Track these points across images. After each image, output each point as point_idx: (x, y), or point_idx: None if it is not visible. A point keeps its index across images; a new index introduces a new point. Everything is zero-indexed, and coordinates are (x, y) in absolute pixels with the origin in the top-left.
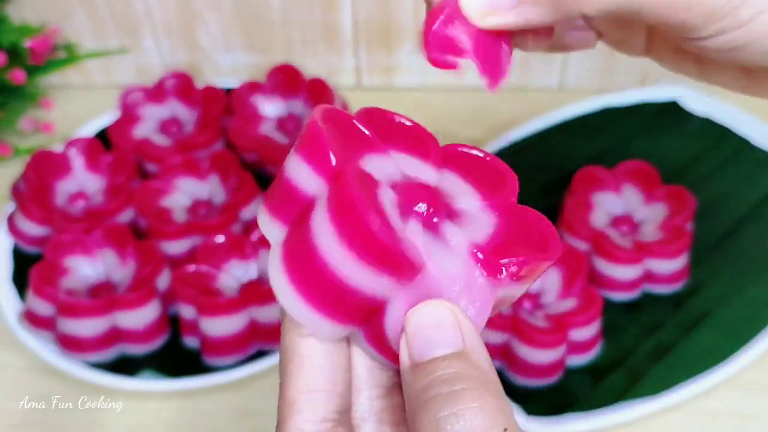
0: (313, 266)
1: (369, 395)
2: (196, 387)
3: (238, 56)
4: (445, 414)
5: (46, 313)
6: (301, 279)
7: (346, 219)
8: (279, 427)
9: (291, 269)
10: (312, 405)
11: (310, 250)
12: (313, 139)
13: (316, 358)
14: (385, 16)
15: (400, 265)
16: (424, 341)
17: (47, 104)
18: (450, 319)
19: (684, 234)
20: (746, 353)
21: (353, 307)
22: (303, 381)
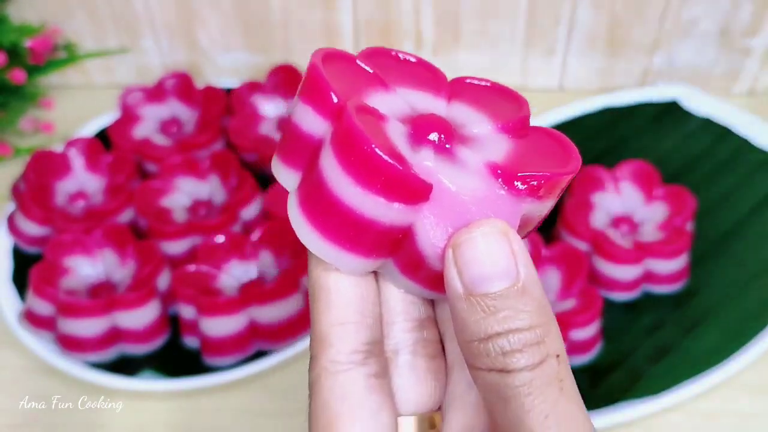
0: (327, 204)
1: (402, 328)
2: (196, 387)
3: (238, 56)
4: (510, 349)
5: (46, 313)
6: (319, 218)
7: (347, 150)
8: (312, 363)
9: (308, 210)
10: (342, 337)
11: (322, 189)
12: (313, 81)
13: (342, 291)
14: (385, 16)
15: (406, 187)
16: (477, 271)
17: (47, 104)
18: (504, 244)
19: (684, 234)
20: (746, 353)
21: (375, 239)
22: (332, 315)
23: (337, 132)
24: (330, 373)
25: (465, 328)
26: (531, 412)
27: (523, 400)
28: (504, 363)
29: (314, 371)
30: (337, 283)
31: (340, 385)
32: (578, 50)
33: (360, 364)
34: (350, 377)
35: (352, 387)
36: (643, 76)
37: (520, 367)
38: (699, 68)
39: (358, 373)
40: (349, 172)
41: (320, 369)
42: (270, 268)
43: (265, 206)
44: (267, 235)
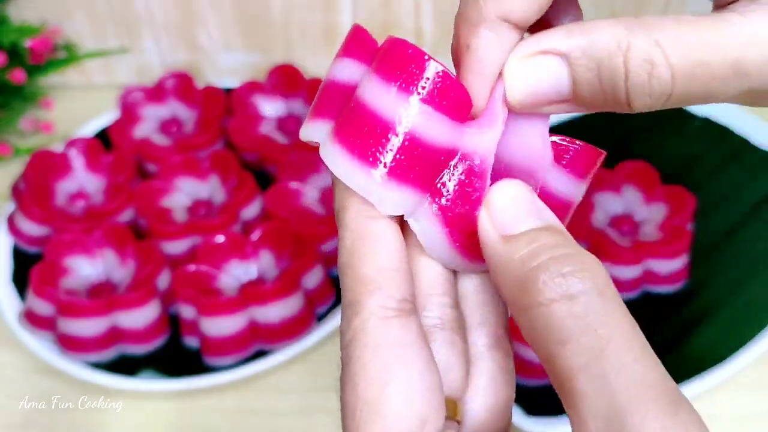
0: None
1: (440, 302)
2: (196, 387)
3: (238, 56)
4: (570, 269)
5: (46, 313)
6: (358, 145)
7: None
8: (354, 308)
9: (346, 140)
10: (393, 283)
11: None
12: (357, 37)
13: (390, 239)
14: (385, 16)
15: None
16: (512, 215)
17: (47, 104)
18: (529, 195)
19: (684, 234)
20: (746, 353)
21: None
22: (380, 258)
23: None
24: (382, 318)
25: (509, 270)
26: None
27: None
28: (568, 285)
29: (358, 317)
30: (384, 231)
31: (395, 330)
32: None
33: (411, 313)
34: (405, 324)
35: (408, 335)
36: None
37: (587, 287)
38: None
39: (411, 321)
40: (391, 79)
41: (368, 314)
42: (270, 268)
43: (265, 206)
44: (267, 235)
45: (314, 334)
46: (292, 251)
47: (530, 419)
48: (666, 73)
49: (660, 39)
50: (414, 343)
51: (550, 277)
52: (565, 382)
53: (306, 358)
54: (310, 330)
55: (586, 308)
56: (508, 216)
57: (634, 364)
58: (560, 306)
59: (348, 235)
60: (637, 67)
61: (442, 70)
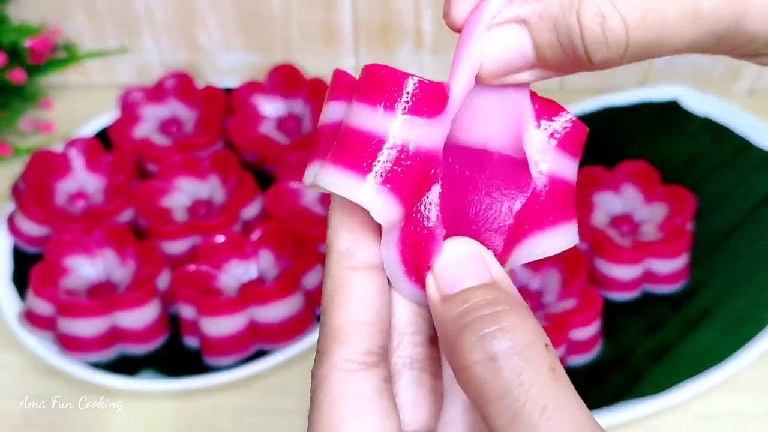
0: (360, 143)
1: (411, 341)
2: (196, 387)
3: (238, 56)
4: (490, 330)
5: (46, 313)
6: (351, 160)
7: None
8: (320, 357)
9: (339, 159)
10: (360, 335)
11: (352, 135)
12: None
13: (365, 291)
14: (385, 16)
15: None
16: (452, 274)
17: (47, 104)
18: (476, 253)
19: (684, 234)
20: (746, 353)
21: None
22: (351, 311)
23: (358, 82)
24: (343, 371)
25: (445, 331)
26: (527, 404)
27: (517, 392)
28: (487, 348)
29: (324, 366)
30: (360, 281)
31: (354, 383)
32: None
33: (374, 365)
34: (364, 377)
35: (366, 388)
36: (643, 76)
37: (504, 349)
38: (699, 68)
39: (372, 375)
40: (374, 101)
41: (331, 365)
42: (270, 268)
43: (265, 206)
44: (267, 235)
45: (314, 334)
46: (292, 251)
47: None
48: (618, 24)
49: None
50: (372, 396)
51: (472, 338)
52: None
53: (306, 358)
54: (310, 330)
55: (506, 367)
56: (449, 276)
57: (548, 422)
58: (482, 367)
59: (328, 282)
60: (590, 21)
61: (417, 80)
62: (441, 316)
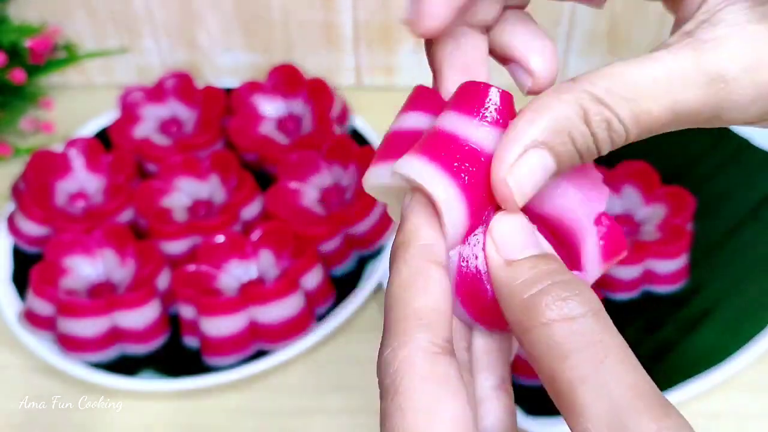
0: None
1: (458, 346)
2: (196, 387)
3: (238, 56)
4: (567, 294)
5: (46, 313)
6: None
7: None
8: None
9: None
10: (440, 323)
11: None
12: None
13: (444, 284)
14: (385, 16)
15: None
16: (513, 242)
17: (47, 104)
18: (530, 227)
19: (684, 234)
20: (746, 353)
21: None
22: (434, 299)
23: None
24: (430, 353)
25: (513, 293)
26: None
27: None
28: (566, 308)
29: (406, 348)
30: (439, 276)
31: (441, 366)
32: (578, 50)
33: (453, 353)
34: (449, 362)
35: (452, 371)
36: None
37: (583, 310)
38: None
39: (453, 360)
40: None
41: (417, 347)
42: (270, 268)
43: (265, 206)
44: (267, 235)
45: (314, 334)
46: (292, 251)
47: (530, 419)
48: (620, 128)
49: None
50: (458, 380)
51: (552, 300)
52: (566, 394)
53: (306, 358)
54: (310, 330)
55: (585, 327)
56: (510, 243)
57: (629, 374)
58: (561, 325)
59: (405, 269)
60: (598, 128)
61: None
62: (507, 279)
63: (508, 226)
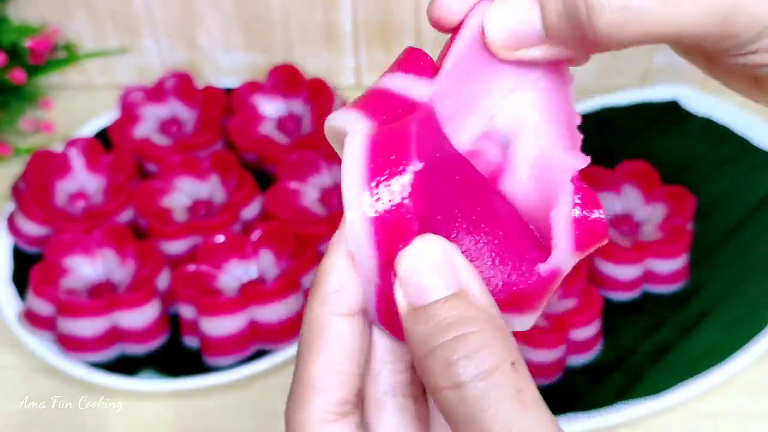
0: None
1: (393, 369)
2: (196, 387)
3: (238, 56)
4: (456, 357)
5: (46, 313)
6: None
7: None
8: (295, 405)
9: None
10: (337, 385)
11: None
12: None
13: (347, 339)
14: (385, 16)
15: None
16: (418, 283)
17: (47, 104)
18: (442, 257)
19: (684, 234)
20: (746, 353)
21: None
22: (330, 360)
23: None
24: (320, 422)
25: (413, 346)
26: (492, 430)
27: (481, 417)
28: (453, 375)
29: (300, 414)
30: (343, 328)
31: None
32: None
33: (349, 413)
34: (342, 427)
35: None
36: (643, 76)
37: (469, 377)
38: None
39: (347, 423)
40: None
41: (308, 415)
42: (270, 268)
43: (265, 206)
44: (267, 235)
45: None
46: (292, 251)
47: None
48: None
49: None
50: None
51: (439, 364)
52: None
53: None
54: None
55: (470, 396)
56: (416, 283)
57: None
58: (450, 393)
59: (308, 321)
60: None
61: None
62: (410, 332)
63: (417, 257)
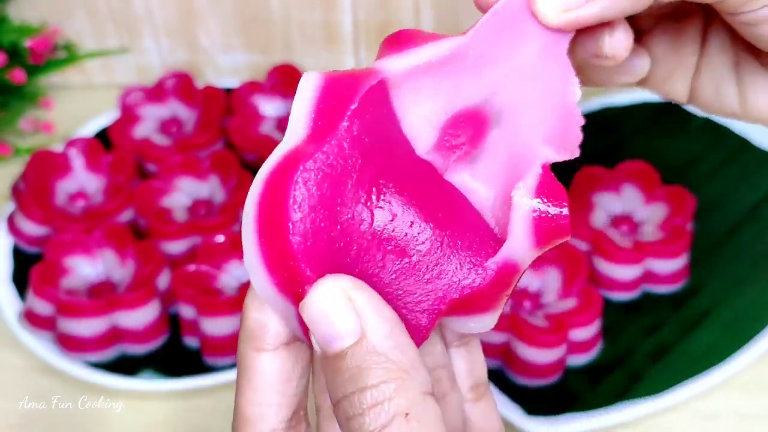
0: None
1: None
2: (196, 387)
3: (238, 56)
4: (353, 413)
5: (46, 313)
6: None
7: None
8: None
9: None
10: (263, 417)
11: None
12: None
13: (267, 373)
14: (385, 16)
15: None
16: (323, 333)
17: (47, 104)
18: (341, 303)
19: (684, 234)
20: (746, 353)
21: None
22: (255, 395)
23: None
24: None
25: (329, 392)
26: None
27: None
28: (352, 429)
29: None
30: (262, 364)
31: None
32: None
33: None
34: None
35: None
36: None
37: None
38: None
39: None
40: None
41: None
42: None
43: None
44: None
45: None
46: None
47: (530, 419)
48: None
49: None
50: None
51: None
52: None
53: None
54: None
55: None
56: (319, 335)
57: None
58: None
59: (237, 360)
60: None
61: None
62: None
63: (315, 312)
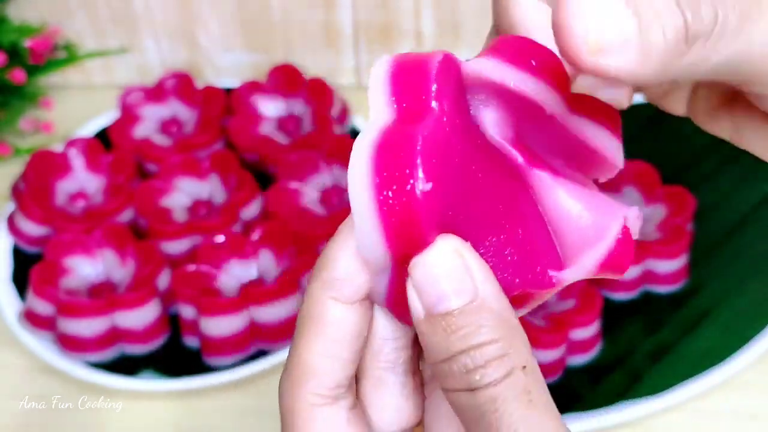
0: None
1: (394, 346)
2: (196, 387)
3: (238, 56)
4: (473, 366)
5: (46, 313)
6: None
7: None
8: (289, 388)
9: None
10: (329, 371)
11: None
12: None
13: (344, 324)
14: (385, 16)
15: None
16: (433, 291)
17: (47, 104)
18: (457, 261)
19: (684, 234)
20: (746, 353)
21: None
22: (325, 346)
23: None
24: (311, 405)
25: (430, 351)
26: (499, 429)
27: (491, 417)
28: (469, 381)
29: (291, 398)
30: (342, 315)
31: (323, 419)
32: None
33: (341, 397)
34: (333, 412)
35: (335, 422)
36: None
37: (484, 383)
38: None
39: (339, 407)
40: None
41: (300, 399)
42: (270, 268)
43: (265, 206)
44: (267, 235)
45: None
46: (292, 251)
47: None
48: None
49: None
50: (341, 428)
51: (454, 370)
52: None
53: None
54: None
55: (482, 399)
56: (430, 290)
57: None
58: (463, 395)
59: (307, 303)
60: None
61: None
62: (426, 337)
63: (430, 269)
